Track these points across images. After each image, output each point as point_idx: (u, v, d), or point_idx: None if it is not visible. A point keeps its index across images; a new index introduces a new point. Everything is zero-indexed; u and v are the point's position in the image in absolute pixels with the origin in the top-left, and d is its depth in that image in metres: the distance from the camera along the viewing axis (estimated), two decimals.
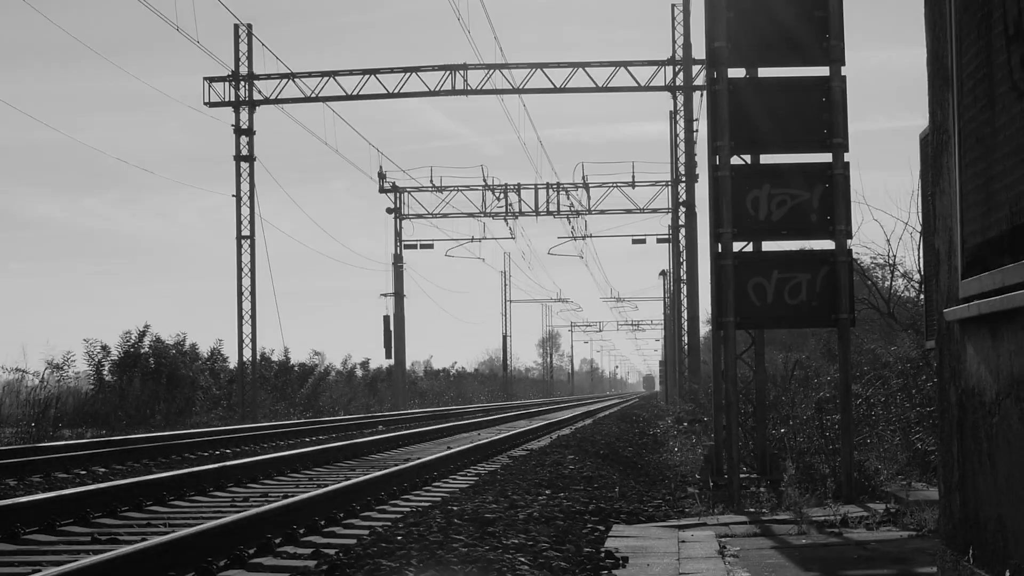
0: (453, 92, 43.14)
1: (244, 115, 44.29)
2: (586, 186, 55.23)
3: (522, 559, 7.47)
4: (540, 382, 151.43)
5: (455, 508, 10.72)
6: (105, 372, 40.46)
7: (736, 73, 12.11)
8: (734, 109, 11.83)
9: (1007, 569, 3.62)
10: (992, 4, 3.62)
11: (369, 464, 18.65)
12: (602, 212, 56.67)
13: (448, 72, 42.79)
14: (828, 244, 11.77)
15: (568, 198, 55.79)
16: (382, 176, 57.91)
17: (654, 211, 55.90)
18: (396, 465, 16.35)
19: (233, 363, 46.62)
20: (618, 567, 7.51)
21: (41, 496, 11.26)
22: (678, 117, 42.82)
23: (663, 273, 70.72)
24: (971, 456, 4.05)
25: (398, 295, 64.14)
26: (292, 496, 11.82)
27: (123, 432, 31.56)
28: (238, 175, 44.50)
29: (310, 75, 43.78)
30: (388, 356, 65.34)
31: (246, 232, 44.63)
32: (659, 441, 25.48)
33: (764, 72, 12.31)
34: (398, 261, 63.77)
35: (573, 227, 60.54)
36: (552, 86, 42.69)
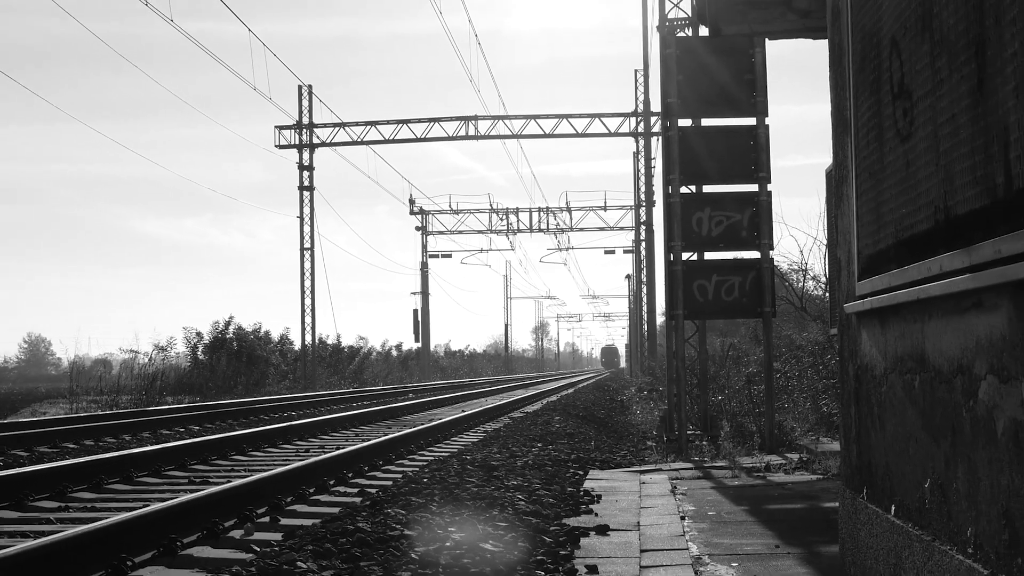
0: (467, 137, 43.11)
1: (306, 155, 44.28)
2: (569, 210, 55.22)
3: (520, 497, 7.47)
4: (534, 360, 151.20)
5: (468, 457, 10.72)
6: (199, 353, 40.49)
7: (684, 122, 12.15)
8: (683, 150, 11.86)
9: (892, 504, 3.62)
10: (881, 70, 3.63)
11: (402, 423, 18.66)
12: (581, 229, 56.57)
13: (463, 122, 42.77)
14: (755, 254, 11.79)
15: (555, 219, 55.75)
16: (412, 202, 57.91)
17: (621, 229, 55.89)
18: (423, 424, 16.36)
19: (298, 345, 46.61)
20: (594, 503, 7.51)
21: (149, 448, 11.28)
22: (640, 156, 42.77)
23: (628, 276, 70.73)
24: (865, 417, 4.06)
25: (424, 293, 64.11)
26: (342, 448, 11.83)
27: (212, 399, 31.58)
28: (301, 201, 44.51)
29: (356, 124, 43.74)
30: (416, 340, 65.39)
31: (308, 245, 44.64)
32: (625, 406, 25.47)
33: (706, 121, 12.33)
34: (424, 267, 63.72)
35: (559, 241, 60.55)
36: (543, 132, 42.64)
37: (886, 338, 3.68)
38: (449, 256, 63.80)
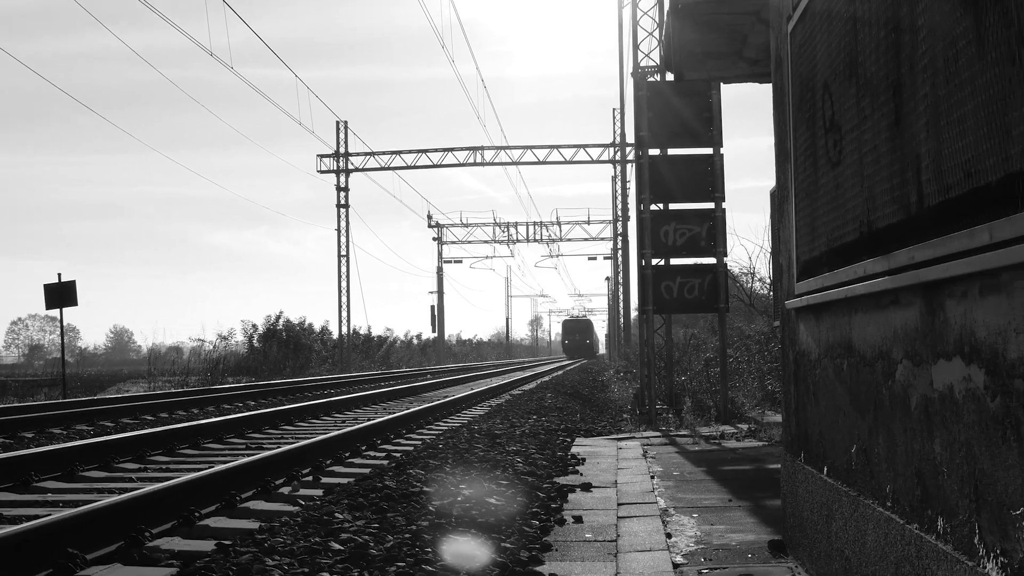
0: (475, 164, 43.08)
1: (342, 179, 44.26)
2: (559, 223, 55.25)
3: (518, 460, 7.47)
4: (530, 347, 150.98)
5: (475, 427, 10.72)
6: (254, 341, 40.49)
7: (654, 151, 12.16)
8: (653, 174, 11.86)
9: (825, 466, 3.62)
10: (815, 108, 3.63)
11: (421, 399, 18.62)
12: (569, 240, 56.50)
13: (472, 151, 42.71)
14: (711, 260, 11.79)
15: (547, 231, 55.74)
16: (430, 217, 57.85)
17: (602, 239, 55.86)
18: (438, 400, 16.34)
19: (336, 335, 46.59)
20: (579, 465, 7.52)
21: (214, 420, 11.28)
22: (617, 180, 42.81)
23: (607, 278, 70.62)
24: (802, 395, 4.06)
25: (439, 292, 64.03)
26: (372, 420, 11.82)
27: (265, 379, 31.55)
28: (339, 217, 44.50)
29: (384, 153, 43.70)
30: (433, 331, 65.32)
31: (344, 253, 44.62)
32: (605, 385, 25.44)
33: (672, 151, 12.33)
34: (440, 271, 63.64)
35: (551, 249, 60.48)
36: (537, 160, 42.60)
37: (820, 329, 3.68)
38: (460, 262, 63.74)
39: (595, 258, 60.23)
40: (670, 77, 12.35)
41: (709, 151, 11.79)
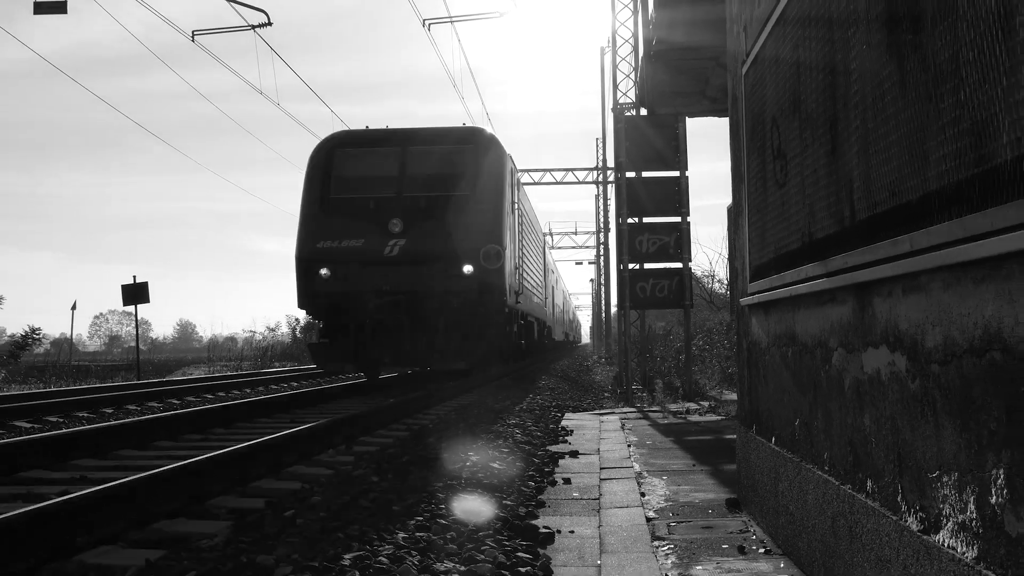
0: None
1: None
2: (551, 234, 55.15)
3: (516, 431, 7.47)
4: None
5: (482, 404, 10.70)
6: (297, 332, 40.36)
7: (631, 174, 12.16)
8: (629, 193, 11.87)
9: (773, 437, 3.62)
10: (765, 139, 3.64)
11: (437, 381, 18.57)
12: (559, 248, 56.50)
13: None
14: (679, 265, 11.80)
15: None
16: None
17: (587, 247, 55.77)
18: (452, 381, 16.29)
19: None
20: (568, 435, 7.52)
21: (263, 397, 11.25)
22: (599, 198, 42.75)
23: (591, 280, 70.60)
24: (754, 377, 4.06)
25: None
26: (395, 398, 11.79)
27: (306, 364, 31.51)
28: None
29: None
30: None
31: None
32: (590, 369, 25.42)
33: (646, 173, 12.33)
34: None
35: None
36: (533, 181, 42.49)
37: (768, 322, 3.69)
38: None
39: (581, 263, 60.16)
40: (644, 112, 12.39)
41: (676, 174, 11.80)
